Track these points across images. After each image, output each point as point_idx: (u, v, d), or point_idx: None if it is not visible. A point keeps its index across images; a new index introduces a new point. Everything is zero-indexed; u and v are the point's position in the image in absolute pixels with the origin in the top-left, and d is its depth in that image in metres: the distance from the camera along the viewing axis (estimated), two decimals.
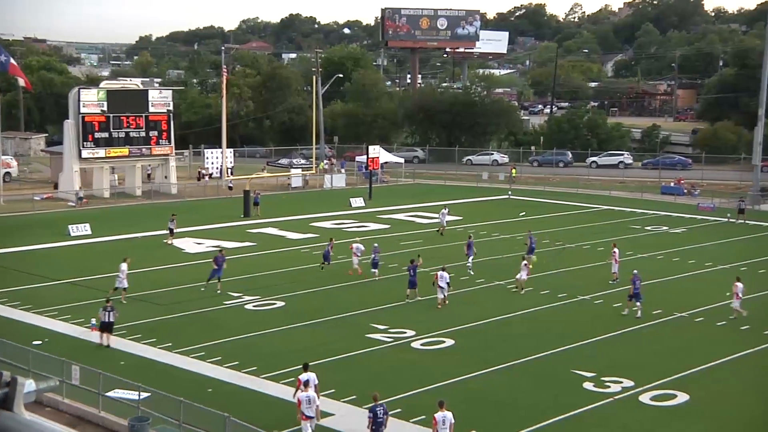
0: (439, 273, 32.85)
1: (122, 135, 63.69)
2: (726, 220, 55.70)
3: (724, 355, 27.22)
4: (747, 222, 54.77)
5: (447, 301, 32.65)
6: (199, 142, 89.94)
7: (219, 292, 34.62)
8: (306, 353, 26.07)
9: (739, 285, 31.95)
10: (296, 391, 21.35)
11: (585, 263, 41.47)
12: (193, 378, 24.83)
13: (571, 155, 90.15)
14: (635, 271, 33.75)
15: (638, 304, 31.76)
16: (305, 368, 21.76)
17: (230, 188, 67.40)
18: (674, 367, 25.93)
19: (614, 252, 37.98)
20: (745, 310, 31.67)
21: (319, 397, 20.98)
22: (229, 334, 29.08)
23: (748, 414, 22.64)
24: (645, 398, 23.39)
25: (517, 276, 34.81)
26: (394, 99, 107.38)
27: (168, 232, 46.46)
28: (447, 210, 51.47)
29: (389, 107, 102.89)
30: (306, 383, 20.95)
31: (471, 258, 39.02)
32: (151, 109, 65.16)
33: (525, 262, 35.45)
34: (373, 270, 37.99)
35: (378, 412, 19.85)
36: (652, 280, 37.62)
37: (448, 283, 32.71)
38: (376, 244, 40.21)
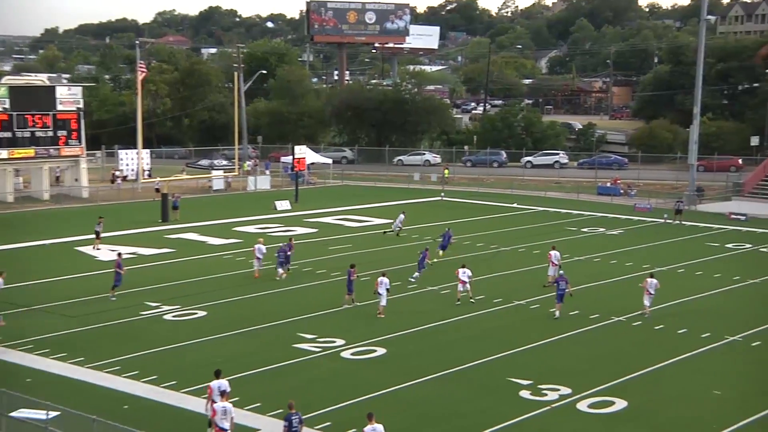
0: (380, 279, 32.94)
1: (27, 135, 62.10)
2: (663, 221, 57.10)
3: (662, 359, 27.86)
4: (683, 223, 56.23)
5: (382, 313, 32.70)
6: (113, 143, 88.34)
7: (114, 299, 34.64)
8: (229, 365, 25.79)
9: (652, 281, 33.05)
10: (208, 401, 21.16)
11: (521, 267, 42.02)
12: (107, 394, 24.36)
13: (505, 155, 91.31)
14: (561, 272, 34.79)
15: (558, 305, 32.71)
16: (217, 375, 21.55)
17: (158, 191, 66.11)
18: (612, 372, 26.45)
19: (550, 254, 38.56)
20: (649, 311, 32.71)
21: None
22: (147, 346, 28.62)
23: (686, 420, 23.22)
24: (583, 406, 23.79)
25: (459, 288, 34.79)
26: (320, 96, 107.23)
27: (95, 236, 45.73)
28: (404, 215, 51.11)
29: (316, 105, 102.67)
30: (223, 393, 20.75)
31: (420, 272, 38.84)
32: (59, 107, 63.72)
33: (462, 274, 34.91)
34: (279, 270, 38.51)
35: (293, 421, 19.80)
36: (590, 283, 38.34)
37: (387, 289, 32.86)
38: (282, 244, 40.59)
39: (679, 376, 26.53)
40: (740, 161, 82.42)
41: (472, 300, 34.47)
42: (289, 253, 39.62)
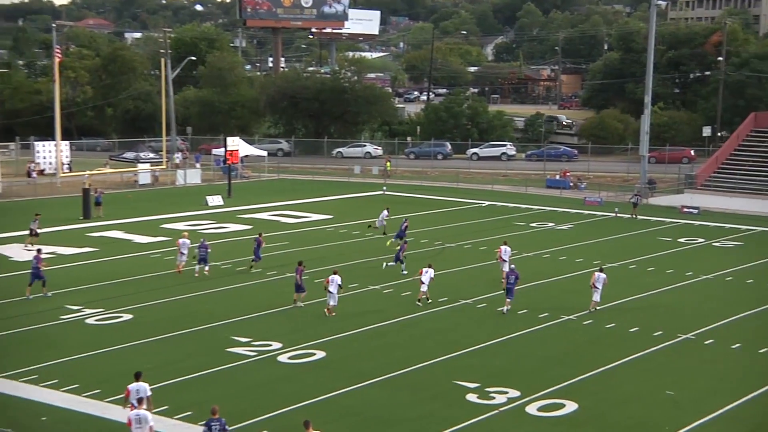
0: (331, 277, 32.95)
1: None
2: (614, 215, 57.98)
3: (613, 359, 28.32)
4: (636, 216, 57.15)
5: (332, 312, 32.69)
6: (28, 134, 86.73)
7: (49, 295, 34.72)
8: (158, 372, 25.55)
9: (600, 275, 33.87)
10: (125, 402, 20.97)
11: (467, 264, 42.30)
12: (23, 405, 23.91)
13: (450, 146, 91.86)
14: (512, 266, 35.57)
15: (508, 300, 33.42)
16: (137, 377, 21.35)
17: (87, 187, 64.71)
18: (562, 374, 26.79)
19: (499, 249, 38.87)
20: (596, 306, 33.59)
21: (152, 413, 20.43)
22: (67, 353, 28.17)
23: (638, 422, 23.61)
24: (532, 409, 24.05)
25: (422, 289, 34.73)
26: (254, 85, 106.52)
27: (29, 233, 45.36)
28: (388, 211, 50.90)
29: (249, 94, 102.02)
30: (140, 400, 20.47)
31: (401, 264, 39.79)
32: None
33: (425, 275, 34.76)
34: (198, 266, 38.81)
35: (213, 427, 19.67)
36: (539, 280, 38.78)
37: (340, 286, 32.95)
38: (203, 239, 40.69)
39: (631, 377, 26.97)
40: (692, 152, 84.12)
41: (429, 301, 34.65)
42: (257, 247, 40.52)
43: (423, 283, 34.52)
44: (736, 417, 24.03)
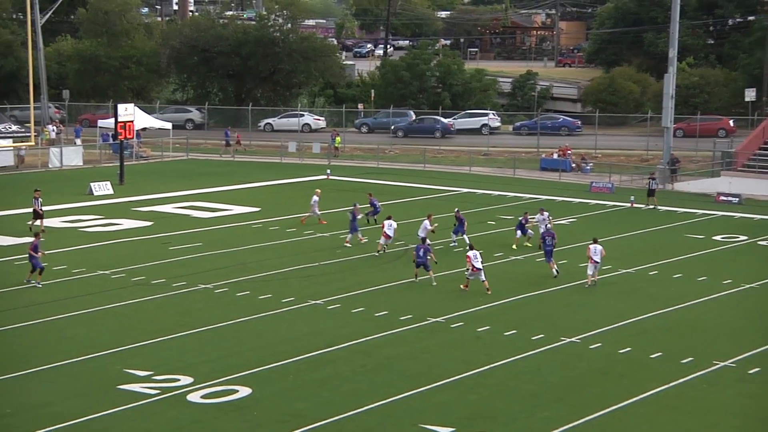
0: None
1: None
2: (629, 205, 58.29)
3: (628, 395, 28.43)
4: (658, 207, 57.54)
5: None
6: None
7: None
8: (21, 420, 25.28)
9: (596, 247, 37.74)
10: None
11: (437, 271, 42.19)
12: None
13: (414, 116, 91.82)
14: (548, 226, 42.61)
15: (550, 263, 40.12)
16: None
17: None
18: (559, 414, 26.88)
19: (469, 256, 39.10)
20: (595, 280, 36.28)
21: None
22: None
23: None
24: None
25: (381, 241, 44.14)
26: (153, 34, 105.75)
27: (33, 214, 47.54)
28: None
29: (147, 46, 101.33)
30: None
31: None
32: None
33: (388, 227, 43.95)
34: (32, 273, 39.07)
35: None
36: (531, 292, 38.93)
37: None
38: (35, 239, 40.40)
39: (651, 418, 27.06)
40: (731, 123, 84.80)
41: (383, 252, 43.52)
42: (354, 219, 46.48)
43: (388, 236, 43.85)
44: None
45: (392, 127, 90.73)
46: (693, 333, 34.51)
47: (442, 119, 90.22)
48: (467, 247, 40.67)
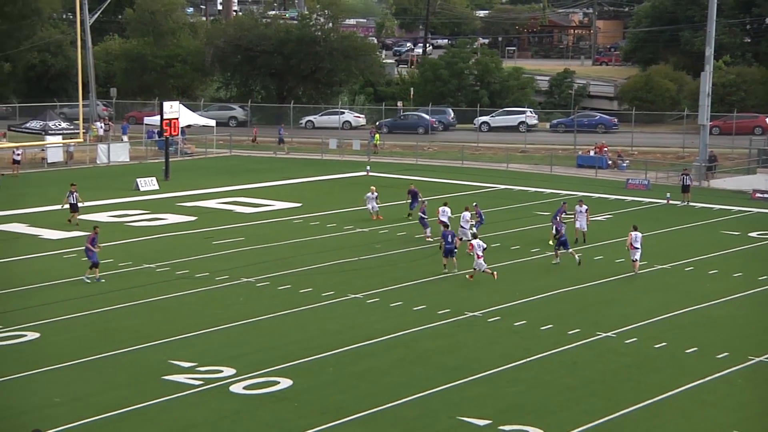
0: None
1: None
2: (665, 202, 58.06)
3: (663, 390, 28.31)
4: (692, 204, 57.28)
5: None
6: None
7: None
8: (70, 408, 25.46)
9: (636, 234, 40.13)
10: None
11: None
12: None
13: (453, 114, 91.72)
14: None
15: (570, 252, 40.52)
16: None
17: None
18: (595, 408, 26.82)
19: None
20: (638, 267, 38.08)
21: None
22: None
23: None
24: None
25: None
26: (198, 34, 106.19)
27: (69, 208, 47.86)
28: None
29: (192, 46, 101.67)
30: None
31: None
32: None
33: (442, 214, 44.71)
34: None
35: None
36: (567, 287, 38.83)
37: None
38: (92, 232, 40.44)
39: (686, 412, 27.00)
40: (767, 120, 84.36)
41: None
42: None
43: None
44: None
45: (377, 123, 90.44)
46: (728, 329, 34.33)
47: (425, 116, 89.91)
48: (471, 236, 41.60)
